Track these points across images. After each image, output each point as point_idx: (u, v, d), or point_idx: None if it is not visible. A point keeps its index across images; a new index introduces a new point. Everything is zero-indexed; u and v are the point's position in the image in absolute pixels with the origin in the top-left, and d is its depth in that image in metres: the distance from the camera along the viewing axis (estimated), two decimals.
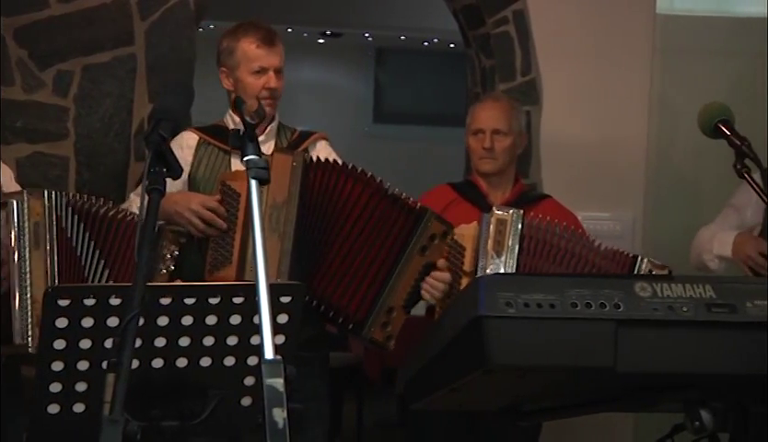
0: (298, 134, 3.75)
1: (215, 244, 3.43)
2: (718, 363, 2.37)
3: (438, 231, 3.52)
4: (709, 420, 2.42)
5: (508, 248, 3.63)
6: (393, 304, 3.49)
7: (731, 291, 2.38)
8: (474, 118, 4.05)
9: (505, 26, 4.96)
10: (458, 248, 3.69)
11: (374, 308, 3.48)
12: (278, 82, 3.63)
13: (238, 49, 3.62)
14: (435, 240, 3.51)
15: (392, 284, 3.49)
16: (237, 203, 3.43)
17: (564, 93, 5.01)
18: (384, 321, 3.48)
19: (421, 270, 3.51)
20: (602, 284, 2.37)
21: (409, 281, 3.51)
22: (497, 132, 3.98)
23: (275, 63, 3.62)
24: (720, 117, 2.83)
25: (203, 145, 3.65)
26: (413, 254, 3.50)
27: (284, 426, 1.88)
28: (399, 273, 3.49)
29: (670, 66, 5.10)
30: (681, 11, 5.23)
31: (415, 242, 3.50)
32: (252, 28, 3.65)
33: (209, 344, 2.52)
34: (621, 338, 2.30)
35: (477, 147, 4.00)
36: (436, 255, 3.52)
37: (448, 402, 2.87)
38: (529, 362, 2.34)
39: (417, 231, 3.50)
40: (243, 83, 3.61)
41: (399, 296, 3.50)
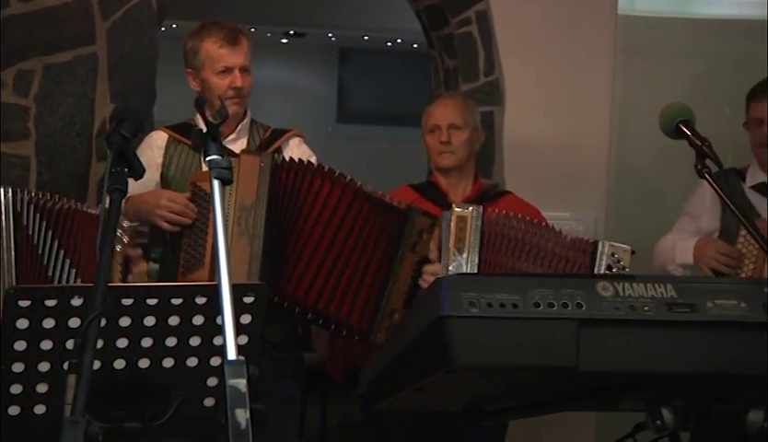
0: (271, 132, 3.74)
1: (187, 246, 3.42)
2: (679, 362, 2.38)
3: (426, 225, 3.51)
4: (670, 419, 2.43)
5: (470, 244, 3.64)
6: (394, 306, 3.49)
7: (692, 291, 2.39)
8: (429, 116, 4.07)
9: (468, 26, 4.98)
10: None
11: (377, 316, 3.48)
12: (244, 80, 3.61)
13: (202, 49, 3.60)
14: (423, 235, 3.51)
15: (391, 288, 3.49)
16: (207, 205, 3.41)
17: (527, 93, 5.03)
18: (388, 324, 3.48)
19: (414, 267, 3.50)
20: (565, 283, 2.37)
21: (405, 280, 3.51)
22: (453, 126, 4.00)
23: (240, 62, 3.61)
24: (681, 117, 2.85)
25: (172, 144, 3.64)
26: (405, 254, 3.50)
27: (246, 427, 1.87)
28: (393, 275, 3.49)
29: (632, 67, 5.13)
30: (642, 12, 5.27)
31: (406, 241, 3.50)
32: (216, 27, 3.63)
33: (172, 345, 2.51)
34: (583, 337, 2.31)
35: (434, 143, 4.02)
36: (425, 249, 3.52)
37: (412, 402, 2.87)
38: (492, 362, 2.35)
39: (406, 230, 3.49)
40: (209, 83, 3.60)
41: (398, 298, 3.50)
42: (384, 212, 3.50)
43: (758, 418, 2.41)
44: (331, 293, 3.46)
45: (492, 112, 5.01)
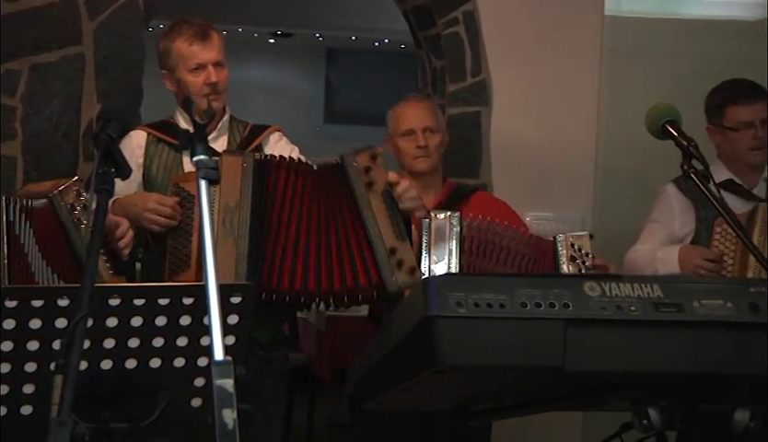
0: (251, 128, 3.73)
1: (172, 248, 3.40)
2: (666, 362, 2.39)
3: (366, 161, 3.43)
4: (657, 418, 2.44)
5: (450, 250, 3.64)
6: (390, 244, 3.40)
7: (679, 291, 2.40)
8: (402, 119, 4.03)
9: (455, 27, 4.98)
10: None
11: (379, 265, 3.40)
12: (219, 75, 3.59)
13: (174, 49, 3.58)
14: (371, 170, 3.43)
15: (374, 234, 3.40)
16: (191, 205, 3.40)
17: (514, 94, 5.03)
18: (398, 262, 3.40)
19: (384, 199, 3.44)
20: (552, 283, 2.38)
21: (384, 217, 3.41)
22: (428, 129, 4.00)
23: (212, 57, 3.58)
24: (667, 118, 2.85)
25: (152, 144, 3.62)
26: (365, 197, 3.42)
27: (233, 427, 1.87)
28: (370, 221, 3.42)
29: (618, 67, 5.14)
30: (629, 13, 5.28)
31: (358, 187, 3.42)
32: (185, 25, 3.61)
33: (159, 345, 2.51)
34: (570, 337, 2.32)
35: (410, 148, 3.99)
36: (382, 178, 3.43)
37: (399, 402, 2.87)
38: (480, 362, 2.35)
39: (351, 177, 3.44)
40: (184, 82, 3.58)
41: (388, 235, 3.39)
42: (324, 174, 3.45)
43: (744, 418, 2.42)
44: (325, 271, 3.41)
45: (479, 113, 5.02)
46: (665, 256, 3.91)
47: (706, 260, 3.76)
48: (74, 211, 3.22)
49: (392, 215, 3.43)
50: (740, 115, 3.93)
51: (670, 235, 4.01)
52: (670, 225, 4.02)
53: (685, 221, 3.99)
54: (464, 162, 5.04)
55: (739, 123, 3.93)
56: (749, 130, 3.92)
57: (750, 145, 3.93)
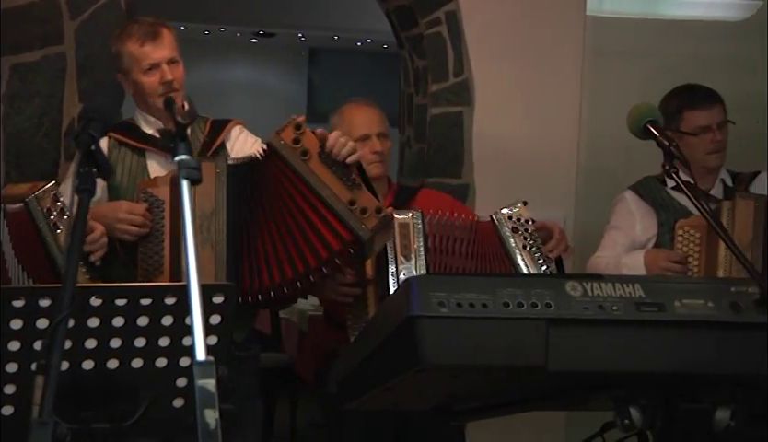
0: (211, 125, 3.69)
1: (143, 255, 3.38)
2: (647, 361, 2.39)
3: (292, 134, 3.41)
4: (638, 417, 2.45)
5: (416, 249, 3.64)
6: (346, 198, 3.37)
7: (660, 290, 2.40)
8: (356, 124, 4.00)
9: (437, 27, 4.98)
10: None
11: (344, 220, 3.36)
12: (174, 72, 3.55)
13: (125, 51, 3.55)
14: (300, 141, 3.39)
15: (328, 196, 3.36)
16: (161, 211, 3.38)
17: (497, 94, 5.04)
18: (362, 210, 3.37)
19: (323, 160, 3.40)
20: (534, 283, 2.38)
21: (329, 176, 3.39)
22: (382, 135, 4.00)
23: (165, 55, 3.54)
24: (649, 118, 2.86)
25: (115, 149, 3.57)
26: (304, 165, 3.38)
27: (215, 427, 1.87)
28: (318, 185, 3.38)
29: (600, 67, 5.15)
30: (611, 13, 5.30)
31: (294, 159, 3.39)
32: (135, 26, 3.58)
33: (140, 346, 2.50)
34: (552, 337, 2.32)
35: (365, 153, 3.95)
36: (311, 142, 3.40)
37: (382, 402, 2.87)
38: (462, 361, 2.35)
39: (284, 156, 3.42)
40: (140, 84, 3.55)
41: (341, 191, 3.37)
42: (262, 163, 3.44)
43: (725, 417, 2.43)
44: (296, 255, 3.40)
45: (461, 112, 5.02)
46: (630, 262, 3.94)
47: (672, 261, 3.79)
48: (50, 215, 3.20)
49: (337, 171, 3.40)
50: (698, 120, 3.97)
51: (633, 241, 4.03)
52: (632, 231, 4.06)
53: (647, 226, 4.03)
54: (446, 162, 5.05)
55: (697, 128, 3.97)
56: (707, 134, 3.96)
57: (708, 148, 3.97)
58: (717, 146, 3.98)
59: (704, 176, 4.01)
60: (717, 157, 4.01)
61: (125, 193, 3.50)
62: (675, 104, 4.03)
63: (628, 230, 4.07)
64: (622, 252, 4.02)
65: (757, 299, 2.38)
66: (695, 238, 3.78)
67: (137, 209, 3.37)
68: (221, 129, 3.68)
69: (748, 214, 3.78)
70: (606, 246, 4.13)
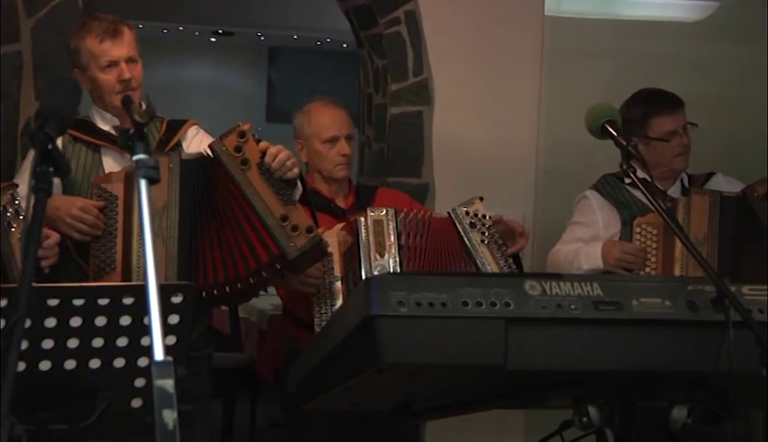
0: (167, 125, 3.68)
1: (96, 251, 3.36)
2: (606, 359, 2.40)
3: (234, 142, 3.42)
4: (596, 416, 2.46)
5: (390, 246, 3.65)
6: (278, 213, 3.37)
7: (618, 289, 2.42)
8: (325, 126, 4.00)
9: (396, 26, 4.99)
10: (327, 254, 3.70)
11: (274, 235, 3.37)
12: (133, 71, 3.52)
13: (84, 48, 3.53)
14: (241, 150, 3.39)
15: (260, 208, 3.37)
16: (115, 207, 3.36)
17: (456, 93, 5.05)
18: (291, 227, 3.38)
19: (260, 172, 3.41)
20: (493, 282, 2.39)
21: (265, 189, 3.39)
22: (350, 137, 4.01)
23: (124, 53, 3.52)
24: (607, 117, 2.87)
25: (69, 144, 3.54)
26: (242, 174, 3.39)
27: (174, 428, 1.86)
28: (253, 197, 3.39)
29: (559, 67, 5.17)
30: (569, 13, 5.32)
31: (233, 167, 3.40)
32: (95, 23, 3.56)
33: (98, 346, 2.49)
34: (511, 336, 2.33)
35: (333, 155, 3.97)
36: (253, 153, 3.41)
37: (341, 402, 2.87)
38: (421, 361, 2.35)
39: (224, 162, 3.42)
40: (98, 81, 3.53)
41: (275, 205, 3.36)
42: (200, 167, 3.44)
43: (682, 415, 2.45)
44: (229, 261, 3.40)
45: (421, 112, 5.03)
46: (589, 251, 3.99)
47: (627, 253, 3.83)
48: (6, 213, 3.18)
49: (274, 184, 3.41)
50: (665, 125, 4.02)
51: (595, 236, 4.07)
52: (594, 226, 4.10)
53: (610, 223, 4.07)
54: (406, 162, 5.05)
55: (666, 133, 4.01)
56: (674, 138, 4.01)
57: (675, 152, 4.03)
58: (684, 149, 4.04)
59: (668, 178, 4.06)
60: (684, 160, 4.07)
61: (80, 188, 3.47)
62: (640, 111, 4.06)
63: (591, 226, 4.10)
64: (582, 246, 4.05)
65: (713, 298, 2.40)
66: (652, 235, 3.83)
67: (91, 210, 3.35)
68: (177, 128, 3.67)
69: (703, 209, 3.83)
70: (567, 239, 4.17)
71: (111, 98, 3.50)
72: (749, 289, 2.45)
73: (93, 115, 3.62)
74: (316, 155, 4.02)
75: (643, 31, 5.35)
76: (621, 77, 5.23)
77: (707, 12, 5.43)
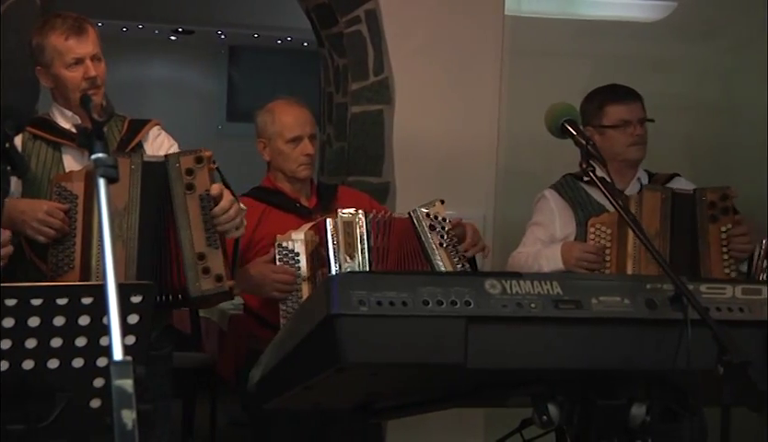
0: (129, 125, 3.66)
1: (54, 250, 3.33)
2: (565, 358, 2.42)
3: (190, 163, 3.42)
4: (556, 414, 2.47)
5: (359, 247, 3.66)
6: (199, 250, 3.37)
7: (577, 288, 2.43)
8: (287, 125, 4.00)
9: (357, 25, 4.98)
10: (290, 254, 3.70)
11: (185, 267, 3.40)
12: (97, 68, 3.50)
13: (48, 45, 3.51)
14: (193, 173, 3.41)
15: (184, 236, 3.39)
16: (75, 206, 3.34)
17: (417, 93, 5.05)
18: (203, 269, 3.39)
19: (200, 204, 3.41)
20: (453, 281, 2.39)
21: (197, 222, 3.40)
22: (312, 136, 4.01)
23: (90, 51, 3.51)
24: (566, 117, 2.88)
25: (29, 141, 3.52)
26: (182, 199, 3.40)
27: (133, 428, 1.85)
28: (182, 222, 3.39)
29: (519, 67, 5.19)
30: (529, 13, 5.34)
31: (177, 188, 3.41)
32: (59, 20, 3.54)
33: (57, 346, 2.47)
34: (471, 335, 2.33)
35: (297, 155, 3.97)
36: (204, 183, 3.41)
37: (301, 401, 2.86)
38: (382, 360, 2.36)
39: (171, 178, 3.42)
40: (62, 78, 3.51)
41: (199, 240, 3.38)
42: (145, 171, 3.44)
43: (640, 412, 2.47)
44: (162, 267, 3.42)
45: (381, 111, 5.03)
46: (549, 254, 4.02)
47: (588, 252, 3.86)
48: None
49: (207, 221, 3.41)
50: (619, 113, 4.07)
51: (552, 236, 4.12)
52: (552, 226, 4.14)
53: (566, 222, 4.11)
54: (367, 161, 5.05)
55: (620, 121, 4.06)
56: (627, 127, 4.04)
57: (628, 141, 4.06)
58: (638, 140, 4.07)
59: (623, 171, 4.09)
60: (638, 150, 4.10)
61: (39, 186, 3.45)
62: (597, 100, 4.12)
63: (548, 226, 4.14)
64: (542, 248, 4.08)
65: (671, 296, 2.41)
66: (606, 234, 3.88)
67: (57, 213, 3.32)
68: (139, 128, 3.66)
69: (655, 205, 3.87)
70: (527, 242, 4.19)
71: (76, 96, 3.47)
72: (707, 288, 2.47)
73: (54, 113, 3.59)
74: (279, 154, 4.01)
75: (602, 31, 5.38)
76: (580, 77, 5.25)
77: (665, 12, 5.46)
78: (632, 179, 4.15)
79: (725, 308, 2.45)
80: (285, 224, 3.86)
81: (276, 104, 4.11)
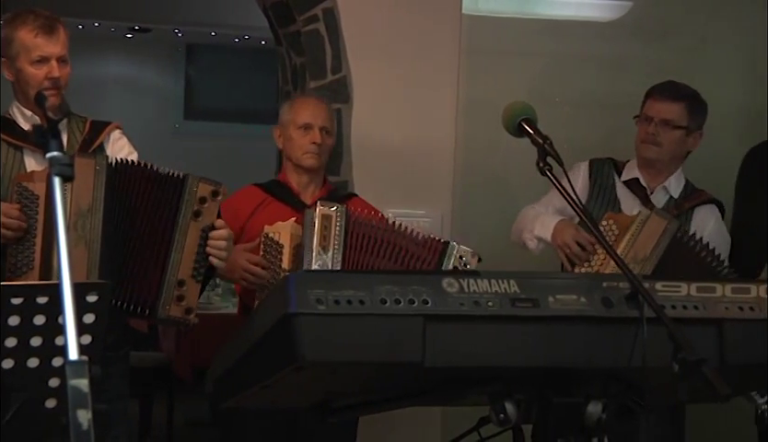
0: (90, 125, 3.65)
1: (13, 250, 3.31)
2: (522, 356, 2.42)
3: (207, 192, 3.44)
4: (513, 412, 2.48)
5: (334, 243, 3.67)
6: (182, 276, 3.40)
7: (534, 286, 2.44)
8: (300, 113, 4.06)
9: (315, 24, 4.98)
10: (275, 246, 3.70)
11: (162, 287, 3.40)
12: (62, 71, 3.50)
13: (17, 38, 3.49)
14: (206, 203, 3.43)
15: (174, 258, 3.41)
16: (35, 206, 3.32)
17: (375, 92, 5.06)
18: (178, 295, 3.40)
19: (201, 235, 3.44)
20: (411, 280, 2.39)
21: (191, 249, 3.42)
22: (325, 129, 4.03)
23: (57, 52, 3.50)
24: (523, 116, 2.89)
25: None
26: (186, 222, 3.42)
27: (88, 428, 1.84)
28: (177, 244, 3.41)
29: (477, 66, 5.20)
30: (486, 12, 5.35)
31: (186, 210, 3.42)
32: (31, 16, 3.52)
33: (11, 346, 2.46)
34: (429, 333, 2.33)
35: (304, 142, 4.02)
36: (211, 217, 3.45)
37: (259, 400, 2.86)
38: (339, 358, 2.35)
39: (184, 198, 3.43)
40: (25, 73, 3.49)
41: (186, 268, 3.41)
42: (160, 183, 3.45)
43: (596, 410, 2.47)
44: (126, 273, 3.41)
45: (339, 110, 5.02)
46: (545, 221, 4.05)
47: (577, 241, 3.86)
48: None
49: (200, 253, 3.44)
50: (647, 108, 4.09)
51: (564, 208, 4.08)
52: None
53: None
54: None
55: (643, 115, 4.08)
56: (647, 124, 4.06)
57: (641, 137, 4.08)
58: (648, 138, 4.07)
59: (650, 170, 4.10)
60: (646, 149, 4.10)
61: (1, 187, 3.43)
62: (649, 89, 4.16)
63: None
64: (551, 212, 4.10)
65: (627, 294, 2.43)
66: (613, 233, 3.86)
67: (12, 212, 3.30)
68: (101, 130, 3.65)
69: (655, 232, 3.85)
70: (543, 201, 4.23)
71: (33, 93, 3.45)
72: (662, 285, 2.49)
73: (14, 113, 3.58)
74: (288, 140, 4.08)
75: (559, 30, 5.41)
76: (537, 76, 5.28)
77: (621, 12, 5.50)
78: (663, 181, 4.14)
79: (680, 306, 2.47)
80: (281, 216, 3.87)
81: (299, 96, 4.29)
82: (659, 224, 3.87)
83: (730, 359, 2.45)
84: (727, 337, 2.46)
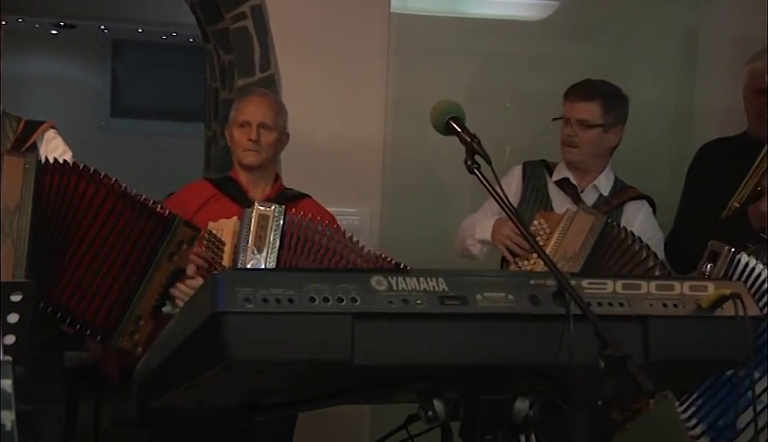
0: (24, 124, 3.62)
1: None
2: (451, 354, 2.43)
3: (187, 237, 3.50)
4: (441, 409, 2.49)
5: (269, 243, 3.66)
6: (142, 312, 3.44)
7: (462, 284, 2.45)
8: (241, 110, 4.08)
9: (243, 21, 4.97)
10: (216, 242, 3.69)
11: (123, 318, 3.42)
12: None
13: None
14: (183, 246, 3.49)
15: (141, 293, 3.44)
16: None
17: (303, 90, 5.06)
18: (132, 329, 3.43)
19: (168, 276, 3.47)
20: (340, 278, 2.39)
21: (157, 288, 3.47)
22: (264, 125, 4.03)
23: None
24: (450, 114, 2.90)
25: None
26: (161, 261, 3.46)
27: (12, 428, 1.82)
28: (148, 280, 3.45)
29: (406, 65, 5.22)
30: (415, 11, 5.38)
31: (164, 249, 3.45)
32: None
33: None
34: (357, 331, 2.33)
35: (242, 139, 4.03)
36: (183, 260, 3.50)
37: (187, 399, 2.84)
38: (268, 357, 2.34)
39: (166, 238, 3.46)
40: None
41: (147, 304, 3.45)
42: (147, 216, 3.47)
43: (524, 407, 2.49)
44: (83, 291, 3.41)
45: None
46: (484, 223, 4.11)
47: (515, 234, 3.91)
48: None
49: (162, 292, 3.48)
50: (564, 110, 4.12)
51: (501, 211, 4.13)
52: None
53: (515, 200, 4.15)
54: None
55: (563, 118, 4.12)
56: (565, 126, 4.12)
57: (561, 140, 4.12)
58: (567, 140, 4.11)
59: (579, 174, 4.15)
60: (565, 151, 4.14)
61: None
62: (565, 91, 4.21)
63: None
64: (490, 216, 4.14)
65: (554, 292, 2.45)
66: (545, 232, 3.91)
67: None
68: (34, 129, 3.63)
69: (582, 228, 3.90)
70: (480, 210, 4.32)
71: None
72: (588, 283, 2.51)
73: None
74: (231, 138, 4.12)
75: (487, 29, 5.44)
76: (466, 74, 5.31)
77: (549, 11, 5.55)
78: (592, 180, 4.18)
79: (606, 303, 2.49)
80: (227, 212, 3.86)
81: (245, 93, 4.28)
82: (586, 220, 3.92)
83: (655, 355, 2.48)
84: (652, 334, 2.49)
